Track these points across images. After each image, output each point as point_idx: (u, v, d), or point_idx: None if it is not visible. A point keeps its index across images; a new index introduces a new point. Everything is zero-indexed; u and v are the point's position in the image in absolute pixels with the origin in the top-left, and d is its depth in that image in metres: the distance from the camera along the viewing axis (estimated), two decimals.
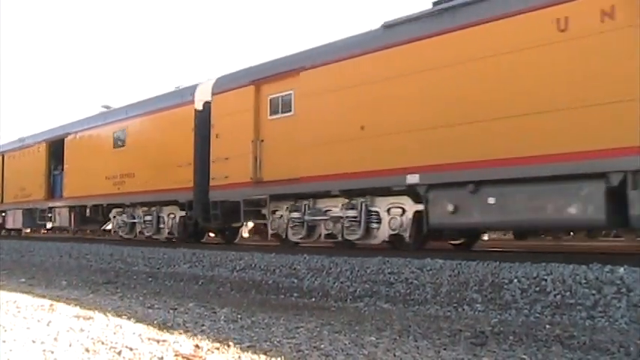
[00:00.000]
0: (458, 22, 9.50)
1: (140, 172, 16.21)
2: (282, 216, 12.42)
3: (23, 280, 11.31)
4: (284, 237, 12.56)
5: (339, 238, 11.39)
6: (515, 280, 7.31)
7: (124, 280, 11.25)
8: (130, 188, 16.52)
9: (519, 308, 6.84)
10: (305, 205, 11.88)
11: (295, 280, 9.62)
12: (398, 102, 10.19)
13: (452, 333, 5.72)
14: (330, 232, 11.54)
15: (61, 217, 20.45)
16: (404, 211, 10.31)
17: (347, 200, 11.10)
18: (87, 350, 4.50)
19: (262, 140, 12.61)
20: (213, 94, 14.17)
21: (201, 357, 4.48)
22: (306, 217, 11.82)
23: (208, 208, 13.92)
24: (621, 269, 6.82)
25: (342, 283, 8.98)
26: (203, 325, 5.96)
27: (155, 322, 6.07)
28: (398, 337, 5.47)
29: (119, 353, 4.44)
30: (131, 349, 4.54)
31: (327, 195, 11.47)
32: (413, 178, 9.80)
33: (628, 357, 4.84)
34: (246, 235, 14.94)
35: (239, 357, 4.51)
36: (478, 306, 7.16)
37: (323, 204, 11.65)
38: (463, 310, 7.18)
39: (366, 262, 9.25)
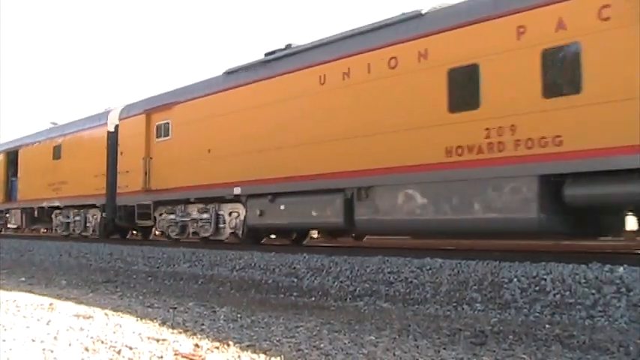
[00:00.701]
0: (276, 71, 12.63)
1: (71, 180, 19.53)
2: (164, 218, 15.64)
3: (23, 279, 11.32)
4: (167, 235, 15.75)
5: (200, 235, 14.64)
6: (515, 280, 7.31)
7: (124, 279, 11.26)
8: (64, 193, 19.86)
9: (519, 307, 6.84)
10: (177, 209, 15.16)
11: (295, 280, 9.63)
12: (230, 132, 13.49)
13: (451, 332, 5.72)
14: (195, 230, 14.69)
15: (15, 218, 23.67)
16: (239, 214, 13.40)
17: (203, 205, 14.38)
18: (86, 349, 4.50)
19: (151, 158, 16.02)
20: (119, 119, 17.74)
21: (200, 356, 4.48)
22: (177, 219, 15.14)
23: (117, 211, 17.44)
24: (621, 269, 6.82)
25: (341, 282, 8.99)
26: (203, 325, 5.96)
27: (155, 321, 6.07)
28: (397, 337, 5.48)
29: (119, 352, 4.44)
30: (131, 348, 4.54)
31: (191, 201, 14.75)
32: (237, 190, 13.10)
33: (628, 356, 4.85)
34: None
35: (239, 356, 4.51)
36: (478, 305, 7.16)
37: (190, 209, 14.84)
38: (463, 309, 7.18)
39: (366, 262, 9.24)
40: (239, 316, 6.62)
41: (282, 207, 12.04)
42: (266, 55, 13.32)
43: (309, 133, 11.61)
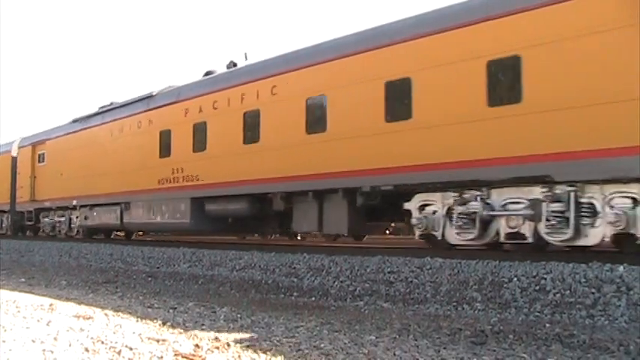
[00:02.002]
0: (90, 124, 19.06)
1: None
2: (47, 219, 22.00)
3: (23, 279, 11.32)
4: (49, 232, 21.78)
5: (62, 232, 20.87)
6: (515, 279, 7.31)
7: (124, 280, 11.26)
8: None
9: (519, 307, 6.84)
10: (50, 213, 21.58)
11: (295, 280, 9.62)
12: (72, 161, 19.57)
13: (452, 332, 5.72)
14: (59, 229, 21.02)
15: None
16: (77, 218, 19.62)
17: (62, 212, 20.65)
18: (87, 350, 4.50)
19: (35, 177, 22.34)
20: (18, 147, 23.92)
21: (200, 356, 4.48)
22: (50, 221, 21.59)
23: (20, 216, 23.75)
24: (621, 268, 6.82)
25: (341, 282, 8.98)
26: (203, 325, 5.96)
27: (155, 321, 6.07)
28: (398, 336, 5.48)
29: (119, 353, 4.44)
30: (131, 349, 4.54)
31: (54, 209, 21.18)
32: (74, 202, 19.26)
33: (628, 355, 4.85)
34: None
35: (239, 356, 4.51)
36: (478, 305, 7.16)
37: (57, 214, 21.15)
38: (463, 309, 7.18)
39: (366, 262, 9.24)
40: (239, 316, 6.62)
41: (95, 214, 18.31)
42: (100, 108, 19.50)
43: (105, 166, 17.65)
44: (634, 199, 7.62)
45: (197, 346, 4.82)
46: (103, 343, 4.76)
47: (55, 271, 13.35)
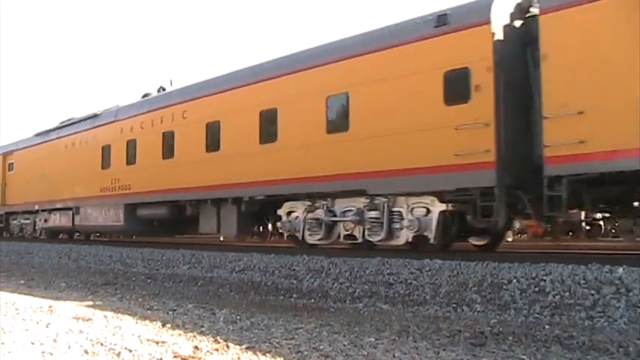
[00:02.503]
0: (45, 139, 21.88)
1: None
2: (15, 221, 24.64)
3: (22, 281, 11.32)
4: (17, 233, 24.28)
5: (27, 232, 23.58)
6: (515, 281, 7.30)
7: (123, 282, 11.25)
8: None
9: (518, 308, 6.84)
10: (19, 217, 24.16)
11: (294, 281, 9.62)
12: (34, 171, 22.02)
13: (451, 333, 5.72)
14: (25, 230, 23.53)
15: None
16: (40, 220, 22.23)
17: (28, 215, 23.21)
18: (86, 352, 4.49)
19: (5, 184, 24.71)
20: None
21: (200, 358, 4.48)
22: (18, 223, 24.18)
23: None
24: (620, 269, 6.81)
25: (341, 284, 8.98)
26: (202, 327, 5.96)
27: (154, 323, 6.07)
28: (397, 338, 5.48)
29: (118, 355, 4.44)
30: (130, 351, 4.54)
31: (20, 212, 23.88)
32: (36, 207, 21.89)
33: (627, 357, 4.85)
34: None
35: (238, 358, 4.52)
36: (477, 306, 7.15)
37: (23, 217, 23.73)
38: (462, 310, 7.18)
39: (365, 263, 9.24)
40: (238, 318, 6.62)
41: (52, 217, 20.83)
42: (60, 123, 21.88)
43: (60, 175, 20.03)
44: (427, 208, 9.60)
45: (196, 347, 4.82)
46: (102, 344, 4.76)
47: (54, 273, 13.34)
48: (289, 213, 12.13)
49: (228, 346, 4.88)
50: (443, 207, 9.41)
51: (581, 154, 7.82)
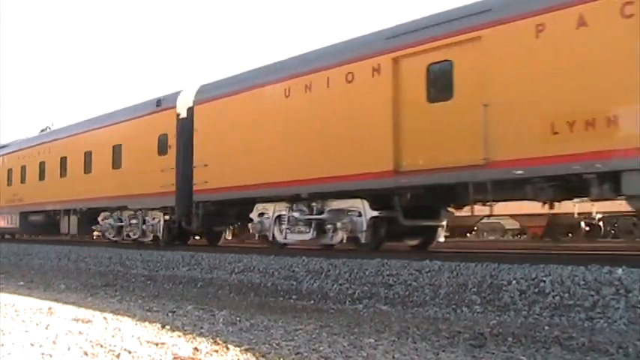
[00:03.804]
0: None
1: None
2: None
3: (22, 283, 11.31)
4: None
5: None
6: (514, 282, 7.30)
7: (123, 283, 11.25)
8: None
9: (518, 310, 6.84)
10: None
11: (294, 283, 9.61)
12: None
13: (451, 335, 5.72)
14: None
15: None
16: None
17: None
18: (85, 353, 4.49)
19: None
20: None
21: None
22: None
23: None
24: (620, 270, 6.81)
25: (340, 285, 8.97)
26: (202, 328, 5.96)
27: (154, 324, 6.07)
28: (397, 339, 5.48)
29: (118, 356, 4.44)
30: (130, 352, 4.54)
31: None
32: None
33: (627, 358, 4.85)
34: None
35: (238, 359, 4.51)
36: (477, 307, 7.15)
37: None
38: (462, 311, 7.18)
39: (365, 264, 9.23)
40: (238, 319, 6.62)
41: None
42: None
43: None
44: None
45: (196, 349, 4.82)
46: (101, 346, 4.76)
47: (53, 274, 13.34)
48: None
49: (227, 348, 4.88)
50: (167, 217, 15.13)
51: (206, 188, 13.53)
